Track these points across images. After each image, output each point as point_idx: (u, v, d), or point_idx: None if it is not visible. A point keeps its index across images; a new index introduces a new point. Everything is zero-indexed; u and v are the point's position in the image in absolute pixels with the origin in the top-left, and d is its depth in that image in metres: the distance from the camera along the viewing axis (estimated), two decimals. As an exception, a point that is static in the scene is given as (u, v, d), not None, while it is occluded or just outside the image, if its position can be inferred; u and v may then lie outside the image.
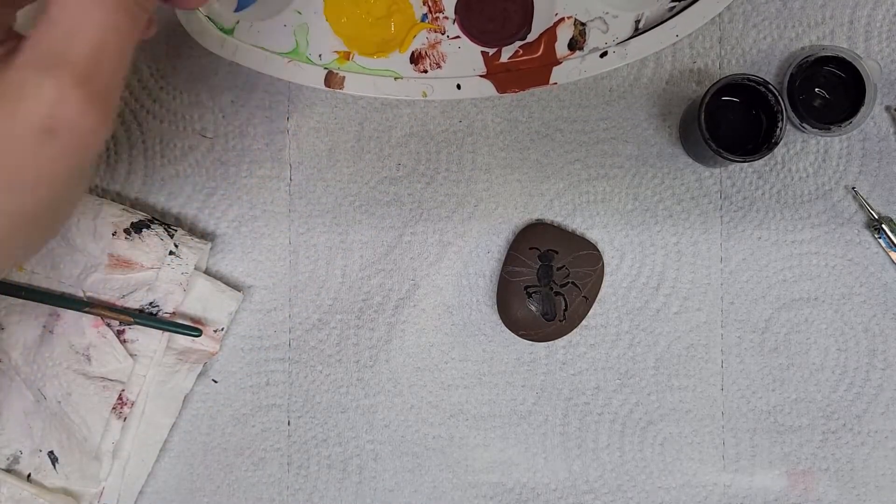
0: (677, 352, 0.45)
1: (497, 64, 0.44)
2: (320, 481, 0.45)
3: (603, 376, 0.45)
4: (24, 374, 0.42)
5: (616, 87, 0.45)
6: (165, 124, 0.45)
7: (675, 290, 0.45)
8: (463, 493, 0.45)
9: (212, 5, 0.43)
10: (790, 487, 0.44)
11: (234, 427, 0.45)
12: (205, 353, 0.44)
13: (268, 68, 0.43)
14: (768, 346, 0.45)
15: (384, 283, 0.45)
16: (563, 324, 0.43)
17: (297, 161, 0.45)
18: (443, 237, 0.45)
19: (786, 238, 0.45)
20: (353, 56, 0.44)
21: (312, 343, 0.45)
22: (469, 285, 0.45)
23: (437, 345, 0.45)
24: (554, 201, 0.45)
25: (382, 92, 0.43)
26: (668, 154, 0.45)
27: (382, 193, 0.45)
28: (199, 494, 0.45)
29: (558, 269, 0.43)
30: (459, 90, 0.43)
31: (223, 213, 0.45)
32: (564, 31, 0.43)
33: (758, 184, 0.45)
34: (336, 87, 0.43)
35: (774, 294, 0.45)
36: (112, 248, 0.42)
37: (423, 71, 0.44)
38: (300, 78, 0.43)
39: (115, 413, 0.43)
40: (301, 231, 0.45)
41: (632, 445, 0.45)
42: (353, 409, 0.45)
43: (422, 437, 0.45)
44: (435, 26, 0.43)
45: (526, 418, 0.45)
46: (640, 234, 0.45)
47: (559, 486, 0.45)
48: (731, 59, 0.45)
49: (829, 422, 0.45)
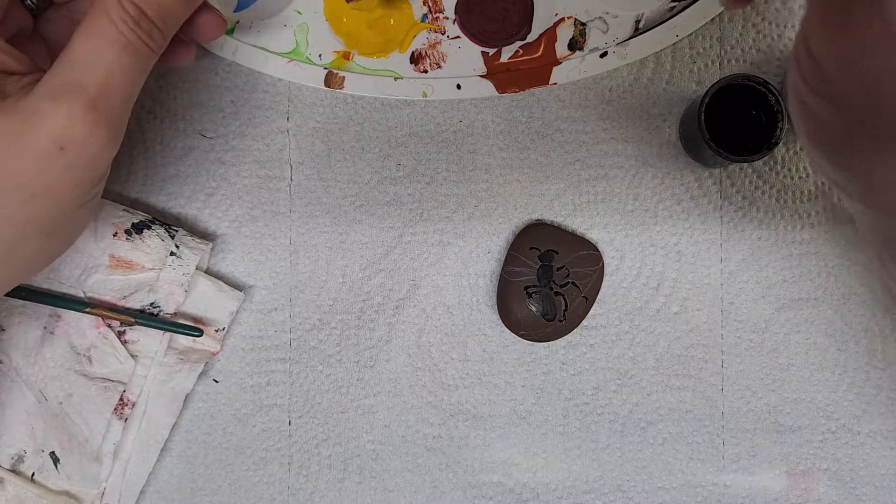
0: (677, 352, 0.45)
1: (497, 64, 0.44)
2: (321, 481, 0.45)
3: (603, 376, 0.45)
4: (25, 376, 0.42)
5: (616, 87, 0.45)
6: (165, 124, 0.45)
7: (675, 291, 0.45)
8: (463, 493, 0.45)
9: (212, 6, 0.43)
10: (790, 487, 0.45)
11: (235, 427, 0.45)
12: (206, 353, 0.44)
13: (268, 68, 0.43)
14: (768, 346, 0.45)
15: (384, 283, 0.45)
16: (563, 324, 0.43)
17: (297, 161, 0.45)
18: (443, 237, 0.45)
19: (786, 238, 0.45)
20: (353, 56, 0.44)
21: (313, 343, 0.45)
22: (469, 285, 0.45)
23: (437, 345, 0.45)
24: (554, 201, 0.45)
25: (382, 92, 0.43)
26: (668, 154, 0.45)
27: (382, 193, 0.45)
28: (199, 494, 0.45)
29: (558, 269, 0.43)
30: (459, 90, 0.43)
31: (224, 213, 0.45)
32: (564, 31, 0.43)
33: (758, 184, 0.45)
34: (336, 87, 0.44)
35: (774, 294, 0.45)
36: (113, 249, 0.42)
37: (423, 71, 0.44)
38: (300, 78, 0.44)
39: (116, 414, 0.43)
40: (301, 231, 0.45)
41: (632, 445, 0.45)
42: (353, 410, 0.45)
43: (422, 437, 0.45)
44: (435, 26, 0.43)
45: (526, 418, 0.45)
46: (640, 235, 0.45)
47: (559, 486, 0.45)
48: (731, 59, 0.44)
49: (829, 422, 0.45)
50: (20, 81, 0.31)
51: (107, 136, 0.30)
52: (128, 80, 0.30)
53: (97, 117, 0.30)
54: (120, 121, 0.31)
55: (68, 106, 0.29)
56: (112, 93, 0.30)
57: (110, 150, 0.31)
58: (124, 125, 0.31)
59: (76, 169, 0.30)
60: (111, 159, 0.32)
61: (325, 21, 0.43)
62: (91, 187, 0.32)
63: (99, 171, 0.32)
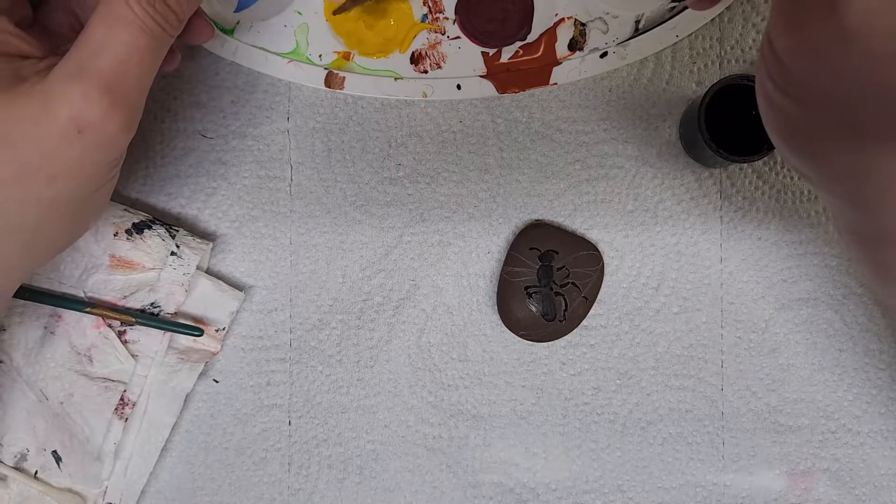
0: (677, 352, 0.45)
1: (497, 64, 0.44)
2: (321, 481, 0.45)
3: (603, 376, 0.45)
4: (25, 376, 0.42)
5: (616, 87, 0.45)
6: (166, 124, 0.45)
7: (675, 291, 0.45)
8: (463, 493, 0.45)
9: (212, 6, 0.43)
10: (790, 487, 0.45)
11: (235, 427, 0.45)
12: (206, 353, 0.44)
13: (268, 68, 0.43)
14: (768, 346, 0.45)
15: (384, 283, 0.45)
16: (563, 324, 0.43)
17: (297, 161, 0.45)
18: (443, 237, 0.45)
19: (786, 238, 0.45)
20: (353, 56, 0.44)
21: (313, 343, 0.45)
22: (469, 285, 0.45)
23: (437, 345, 0.45)
24: (554, 201, 0.45)
25: (383, 92, 0.44)
26: (668, 154, 0.45)
27: (382, 193, 0.45)
28: (200, 494, 0.45)
29: (558, 269, 0.43)
30: (460, 90, 0.44)
31: (224, 213, 0.45)
32: (564, 32, 0.43)
33: (758, 184, 0.45)
34: (336, 88, 0.44)
35: (774, 294, 0.45)
36: (113, 249, 0.42)
37: (424, 71, 0.44)
38: (300, 78, 0.44)
39: (116, 414, 0.43)
40: (301, 231, 0.45)
41: (632, 445, 0.45)
42: (353, 410, 0.45)
43: (422, 437, 0.45)
44: (435, 27, 0.43)
45: (526, 418, 0.45)
46: (640, 235, 0.45)
47: (559, 486, 0.45)
48: (731, 59, 0.44)
49: (829, 422, 0.45)
50: (37, 65, 0.31)
51: (122, 118, 0.30)
52: (143, 62, 0.31)
53: (112, 99, 0.30)
54: (136, 104, 0.31)
55: (83, 87, 0.30)
56: (127, 75, 0.30)
57: (126, 132, 0.31)
58: (140, 109, 0.32)
59: (94, 151, 0.31)
60: (127, 142, 0.32)
61: (325, 21, 0.43)
62: (108, 170, 0.33)
63: (116, 154, 0.32)
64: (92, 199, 0.33)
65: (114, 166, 0.33)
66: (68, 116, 0.30)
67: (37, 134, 0.30)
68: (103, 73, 0.30)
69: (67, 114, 0.30)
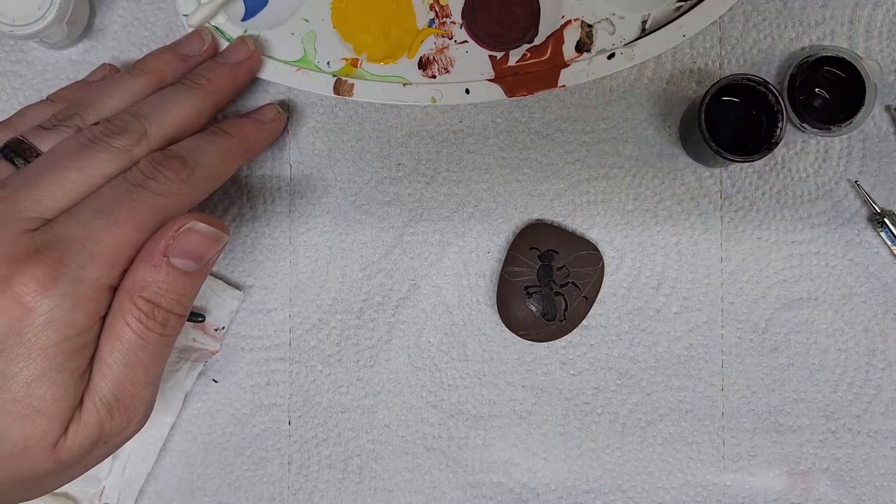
0: (677, 352, 0.45)
1: (505, 67, 0.44)
2: (321, 481, 0.45)
3: (603, 376, 0.45)
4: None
5: (616, 87, 0.45)
6: (166, 124, 0.45)
7: (675, 291, 0.45)
8: (463, 493, 0.45)
9: (219, 16, 0.43)
10: (790, 487, 0.45)
11: (235, 427, 0.45)
12: (205, 352, 0.44)
13: (276, 77, 0.43)
14: (768, 346, 0.45)
15: (384, 283, 0.45)
16: (563, 324, 0.43)
17: (297, 161, 0.45)
18: (443, 237, 0.45)
19: (786, 238, 0.45)
20: (361, 63, 0.44)
21: (313, 343, 0.45)
22: (469, 285, 0.45)
23: (437, 345, 0.45)
24: (554, 201, 0.45)
25: (392, 98, 0.43)
26: (668, 154, 0.45)
27: (382, 193, 0.45)
28: (199, 494, 0.45)
29: (558, 269, 0.43)
30: (468, 95, 0.43)
31: (223, 212, 0.45)
32: (571, 34, 0.43)
33: (758, 184, 0.45)
34: (345, 95, 0.43)
35: (774, 294, 0.45)
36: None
37: (432, 76, 0.44)
38: (309, 86, 0.43)
39: (115, 413, 0.43)
40: (301, 231, 0.45)
41: (632, 445, 0.45)
42: (353, 409, 0.45)
43: (422, 437, 0.45)
44: (442, 31, 0.43)
45: (526, 418, 0.45)
46: (640, 235, 0.45)
47: (559, 486, 0.45)
48: (731, 59, 0.45)
49: (829, 422, 0.45)
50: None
51: (132, 423, 0.33)
52: (142, 370, 0.33)
53: (122, 407, 0.33)
54: (142, 403, 0.33)
55: (97, 415, 0.32)
56: (127, 387, 0.33)
57: (141, 425, 0.34)
58: (151, 403, 0.34)
59: (111, 449, 0.34)
60: (137, 432, 0.35)
61: (332, 28, 0.43)
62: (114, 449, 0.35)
63: (124, 440, 0.35)
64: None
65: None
66: (91, 439, 0.32)
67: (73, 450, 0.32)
68: (106, 395, 0.32)
69: (88, 434, 0.32)
